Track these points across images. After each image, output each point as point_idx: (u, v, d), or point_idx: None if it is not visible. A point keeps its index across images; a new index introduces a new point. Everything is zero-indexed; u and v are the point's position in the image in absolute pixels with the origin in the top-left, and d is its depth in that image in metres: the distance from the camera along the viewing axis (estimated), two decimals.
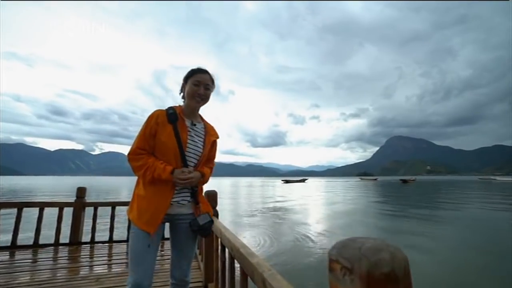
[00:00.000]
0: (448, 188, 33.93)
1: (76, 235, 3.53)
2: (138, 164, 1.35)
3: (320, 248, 6.11)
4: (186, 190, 1.44)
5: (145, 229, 1.30)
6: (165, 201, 1.35)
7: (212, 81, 1.51)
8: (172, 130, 1.38)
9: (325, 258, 4.82)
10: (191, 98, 1.46)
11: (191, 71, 1.49)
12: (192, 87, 1.44)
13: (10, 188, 31.22)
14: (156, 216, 1.33)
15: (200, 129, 1.53)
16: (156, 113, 1.41)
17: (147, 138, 1.37)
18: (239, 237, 6.22)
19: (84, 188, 3.72)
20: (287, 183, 56.20)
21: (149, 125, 1.37)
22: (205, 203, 1.53)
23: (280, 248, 6.09)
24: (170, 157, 1.37)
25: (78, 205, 3.61)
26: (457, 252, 5.88)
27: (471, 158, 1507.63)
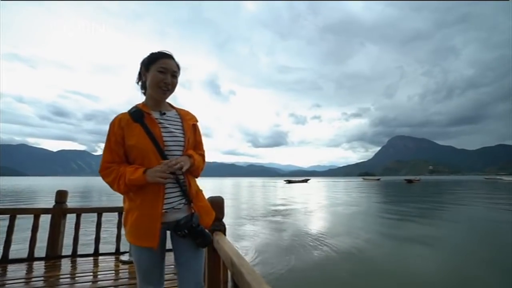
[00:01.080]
0: (455, 188, 33.20)
1: (54, 247, 2.96)
2: (110, 179, 1.19)
3: (337, 261, 5.52)
4: (177, 191, 1.27)
5: (147, 245, 1.18)
6: (156, 209, 1.19)
7: (178, 67, 1.33)
8: (141, 128, 1.21)
9: (340, 274, 4.19)
10: (155, 88, 1.27)
11: (153, 56, 1.28)
12: (157, 74, 1.25)
13: (11, 189, 30.81)
14: (153, 227, 1.18)
15: (173, 116, 1.35)
16: (117, 118, 1.25)
17: (114, 149, 1.21)
18: (241, 242, 5.59)
19: (64, 191, 3.14)
20: (289, 183, 55.58)
21: (113, 133, 1.21)
22: (203, 205, 1.36)
23: (287, 259, 5.51)
24: (150, 159, 1.20)
25: (57, 212, 3.04)
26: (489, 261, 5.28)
27: (474, 158, 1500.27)
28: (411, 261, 5.25)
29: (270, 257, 5.48)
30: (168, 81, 1.27)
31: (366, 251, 5.86)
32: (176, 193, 1.27)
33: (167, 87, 1.28)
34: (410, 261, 5.28)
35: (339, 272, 4.65)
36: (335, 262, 5.18)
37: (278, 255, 5.62)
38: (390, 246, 6.33)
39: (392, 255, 5.65)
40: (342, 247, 6.15)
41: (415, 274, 4.60)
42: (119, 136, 1.21)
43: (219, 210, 1.66)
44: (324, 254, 5.61)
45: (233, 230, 8.08)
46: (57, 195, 3.09)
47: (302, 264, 5.07)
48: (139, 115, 1.24)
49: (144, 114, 1.25)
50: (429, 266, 4.96)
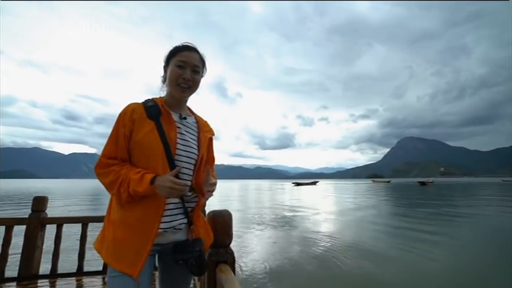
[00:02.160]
0: (473, 191, 31.81)
1: (28, 266, 2.45)
2: (108, 181, 0.99)
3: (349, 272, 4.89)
4: (179, 207, 1.07)
5: (128, 272, 0.95)
6: (151, 228, 0.98)
7: (203, 63, 1.17)
8: (155, 127, 1.03)
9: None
10: (174, 84, 1.09)
11: (173, 49, 1.12)
12: (175, 69, 1.08)
13: (24, 191, 31.09)
14: (140, 250, 0.97)
15: (191, 123, 1.19)
16: (130, 107, 1.05)
17: (120, 142, 1.02)
18: (248, 252, 4.99)
19: (43, 198, 2.64)
20: (298, 185, 54.67)
21: (122, 124, 1.02)
22: (203, 226, 1.14)
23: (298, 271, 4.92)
24: (156, 164, 1.01)
25: (34, 222, 2.53)
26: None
27: (487, 159, 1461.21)
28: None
29: (280, 269, 4.90)
30: (187, 76, 1.09)
31: (383, 265, 5.22)
32: (178, 210, 1.06)
33: (187, 83, 1.10)
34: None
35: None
36: (350, 277, 4.56)
37: (289, 267, 5.03)
38: (413, 264, 5.65)
39: (415, 273, 4.99)
40: (360, 262, 5.51)
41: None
42: (128, 129, 1.01)
43: (224, 231, 1.11)
44: (339, 269, 4.99)
45: (240, 237, 7.52)
46: (34, 202, 2.59)
47: (313, 276, 4.48)
48: (155, 112, 1.05)
49: (161, 112, 1.07)
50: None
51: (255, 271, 4.77)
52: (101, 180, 1.02)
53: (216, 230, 1.09)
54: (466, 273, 4.76)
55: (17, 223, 2.53)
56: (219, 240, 1.08)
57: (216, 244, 1.09)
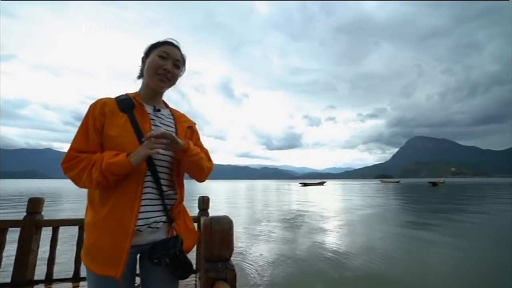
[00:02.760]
0: (487, 191, 30.74)
1: (23, 270, 2.32)
2: (78, 169, 0.93)
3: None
4: (158, 204, 1.02)
5: (107, 274, 0.91)
6: (126, 225, 0.93)
7: (183, 61, 1.16)
8: (128, 119, 1.00)
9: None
10: (153, 74, 1.07)
11: (156, 42, 1.11)
12: (157, 59, 1.06)
13: (35, 191, 31.68)
14: (118, 250, 0.92)
15: (166, 115, 1.16)
16: (101, 101, 1.02)
17: (90, 136, 0.97)
18: (254, 253, 4.76)
19: (39, 199, 2.51)
20: (305, 186, 54.15)
21: (92, 117, 0.98)
22: (184, 224, 1.12)
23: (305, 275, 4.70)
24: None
25: (28, 225, 2.41)
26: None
27: (500, 159, 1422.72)
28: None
29: (289, 272, 4.69)
30: (168, 67, 1.07)
31: (393, 270, 4.95)
32: (156, 207, 1.01)
33: (167, 75, 1.07)
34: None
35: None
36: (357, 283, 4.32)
37: (295, 271, 4.82)
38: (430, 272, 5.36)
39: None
40: (371, 267, 5.26)
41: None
42: (99, 122, 0.97)
43: (223, 242, 0.92)
44: (350, 272, 4.76)
45: (246, 239, 7.33)
46: (30, 204, 2.47)
47: (323, 279, 4.27)
48: (128, 105, 1.02)
49: (135, 104, 1.04)
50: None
51: (264, 275, 4.58)
52: (70, 173, 0.95)
53: (213, 241, 0.90)
54: (482, 280, 4.46)
55: (11, 225, 2.41)
56: (216, 253, 0.89)
57: (212, 257, 0.90)
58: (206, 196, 2.96)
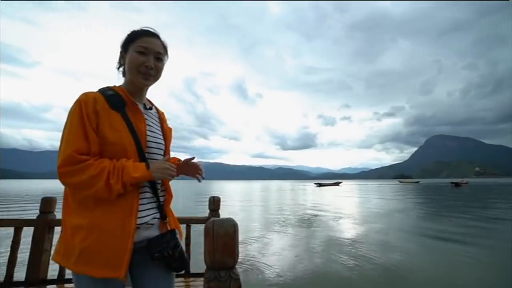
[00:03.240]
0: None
1: (36, 270, 2.34)
2: (85, 177, 0.86)
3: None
4: (152, 202, 1.03)
5: (109, 276, 0.87)
6: (128, 224, 0.91)
7: (165, 49, 1.09)
8: (122, 119, 0.95)
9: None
10: (135, 72, 1.01)
11: (132, 34, 1.03)
12: (136, 56, 1.00)
13: (59, 191, 33.10)
14: (121, 250, 0.89)
15: (154, 114, 1.14)
16: (90, 96, 0.94)
17: (90, 135, 0.90)
18: (265, 259, 4.57)
19: (51, 199, 2.52)
20: (320, 186, 53.35)
21: (87, 115, 0.90)
22: (173, 219, 1.12)
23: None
24: (125, 157, 0.94)
25: (41, 224, 2.42)
26: None
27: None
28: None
29: (304, 275, 4.54)
30: (149, 64, 1.01)
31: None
32: (152, 205, 1.02)
33: (149, 71, 1.02)
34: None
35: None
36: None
37: (308, 280, 4.66)
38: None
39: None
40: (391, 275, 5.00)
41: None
42: (93, 121, 0.90)
43: (227, 248, 0.82)
44: (367, 278, 4.54)
45: (258, 243, 7.22)
46: (42, 204, 2.49)
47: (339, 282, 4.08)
48: (119, 102, 0.97)
49: (125, 102, 0.99)
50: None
51: (278, 277, 4.46)
52: (72, 179, 0.87)
53: (216, 247, 0.82)
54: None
55: (25, 224, 2.43)
56: (218, 260, 0.82)
57: (214, 265, 0.83)
58: (217, 197, 2.89)
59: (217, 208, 2.85)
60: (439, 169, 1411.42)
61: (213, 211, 2.81)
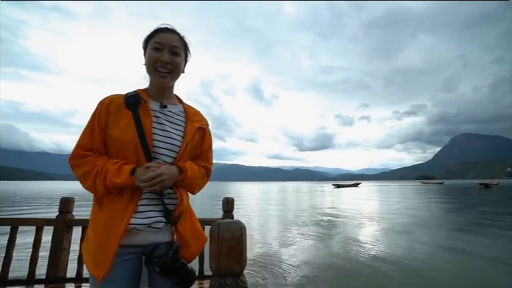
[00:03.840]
0: None
1: (55, 268, 2.40)
2: (82, 172, 0.94)
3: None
4: (158, 204, 0.98)
5: (93, 274, 0.89)
6: (118, 224, 0.90)
7: (185, 45, 1.07)
8: (132, 117, 0.96)
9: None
10: (152, 70, 1.01)
11: (149, 34, 1.03)
12: (152, 53, 1.00)
13: (78, 192, 34.67)
14: (106, 251, 0.88)
15: (176, 112, 1.09)
16: (108, 98, 1.00)
17: (95, 134, 0.96)
18: (280, 263, 4.37)
19: (70, 199, 2.58)
20: (338, 187, 52.21)
21: (98, 116, 0.97)
22: (190, 228, 1.04)
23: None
24: (131, 155, 0.95)
25: (60, 224, 2.48)
26: None
27: None
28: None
29: (322, 280, 4.39)
30: (164, 59, 0.99)
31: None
32: (156, 207, 0.98)
33: (165, 67, 1.00)
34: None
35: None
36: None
37: (332, 277, 4.49)
38: None
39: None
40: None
41: None
42: (103, 121, 0.96)
43: (233, 253, 0.77)
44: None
45: (273, 245, 7.11)
46: (61, 204, 2.55)
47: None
48: (134, 102, 0.99)
49: (140, 101, 1.00)
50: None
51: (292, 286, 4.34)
52: (75, 172, 0.96)
53: (221, 252, 0.77)
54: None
55: (46, 224, 2.51)
56: (224, 266, 0.77)
57: (219, 271, 0.78)
58: (231, 198, 2.85)
59: (231, 210, 2.80)
60: (465, 169, 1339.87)
61: (227, 212, 2.77)
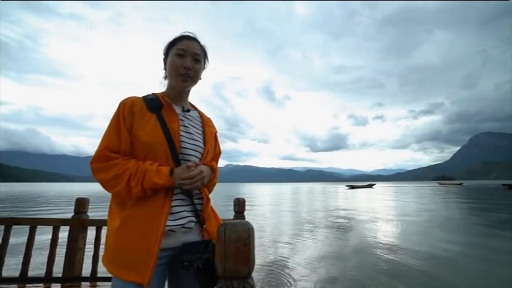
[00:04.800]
0: None
1: (71, 267, 2.46)
2: (111, 175, 0.90)
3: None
4: (188, 204, 1.00)
5: (134, 280, 0.86)
6: (157, 227, 0.89)
7: (205, 53, 1.13)
8: (157, 120, 0.97)
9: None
10: (174, 75, 1.04)
11: (172, 40, 1.08)
12: (175, 59, 1.04)
13: (98, 193, 35.72)
14: (147, 254, 0.87)
15: (195, 117, 1.15)
16: (129, 100, 1.01)
17: (123, 135, 0.95)
18: (293, 267, 4.24)
19: (85, 200, 2.64)
20: (352, 188, 51.28)
21: (123, 116, 0.96)
22: (216, 226, 1.01)
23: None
24: (158, 157, 0.96)
25: (76, 224, 2.54)
26: None
27: None
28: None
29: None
30: (187, 64, 1.03)
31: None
32: (187, 207, 1.00)
33: (188, 73, 1.04)
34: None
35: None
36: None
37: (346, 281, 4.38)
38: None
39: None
40: None
41: None
42: (128, 121, 0.96)
43: (240, 255, 0.74)
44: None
45: (285, 246, 7.02)
46: (76, 204, 2.61)
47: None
48: (157, 104, 1.01)
49: (163, 104, 1.02)
50: None
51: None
52: (100, 176, 0.92)
53: (228, 253, 0.74)
54: None
55: (62, 223, 2.57)
56: (230, 268, 0.74)
57: (226, 274, 0.75)
58: (242, 198, 2.83)
59: (242, 210, 2.78)
60: (486, 169, 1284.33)
61: (238, 213, 2.75)
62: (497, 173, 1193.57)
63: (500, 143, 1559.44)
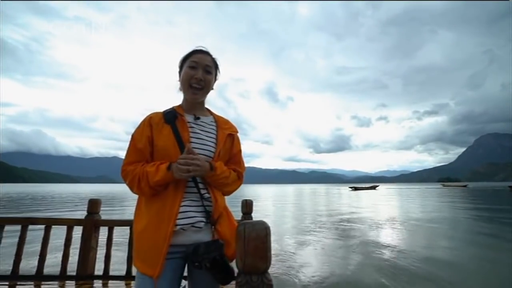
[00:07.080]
0: None
1: (84, 265, 2.54)
2: (127, 182, 1.10)
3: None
4: (199, 205, 1.09)
5: (146, 273, 0.99)
6: (166, 224, 1.01)
7: (216, 65, 1.23)
8: (171, 130, 1.12)
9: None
10: (186, 87, 1.16)
11: (186, 54, 1.19)
12: (188, 71, 1.15)
13: (107, 193, 36.05)
14: (156, 249, 0.99)
15: (208, 122, 1.24)
16: (148, 116, 1.17)
17: (140, 148, 1.11)
18: (301, 265, 4.40)
19: (97, 200, 2.73)
20: (355, 190, 51.06)
21: (141, 132, 1.13)
22: (228, 227, 1.15)
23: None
24: (173, 162, 1.07)
25: (89, 224, 2.63)
26: None
27: None
28: None
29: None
30: (198, 76, 1.13)
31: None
32: (197, 208, 1.09)
33: (199, 83, 1.14)
34: None
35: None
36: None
37: (345, 283, 4.42)
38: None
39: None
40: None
41: None
42: (145, 135, 1.11)
43: (258, 252, 0.80)
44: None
45: (293, 245, 7.07)
46: (89, 205, 2.70)
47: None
48: (172, 116, 1.14)
49: (177, 116, 1.15)
50: None
51: (313, 284, 4.31)
52: (125, 182, 1.11)
53: (247, 251, 0.81)
54: None
55: (75, 223, 2.66)
56: (250, 265, 0.81)
57: (246, 269, 0.82)
58: (249, 199, 2.89)
59: (250, 211, 2.85)
60: (493, 171, 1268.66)
61: (246, 214, 2.82)
62: (504, 175, 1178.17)
63: (507, 144, 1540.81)
